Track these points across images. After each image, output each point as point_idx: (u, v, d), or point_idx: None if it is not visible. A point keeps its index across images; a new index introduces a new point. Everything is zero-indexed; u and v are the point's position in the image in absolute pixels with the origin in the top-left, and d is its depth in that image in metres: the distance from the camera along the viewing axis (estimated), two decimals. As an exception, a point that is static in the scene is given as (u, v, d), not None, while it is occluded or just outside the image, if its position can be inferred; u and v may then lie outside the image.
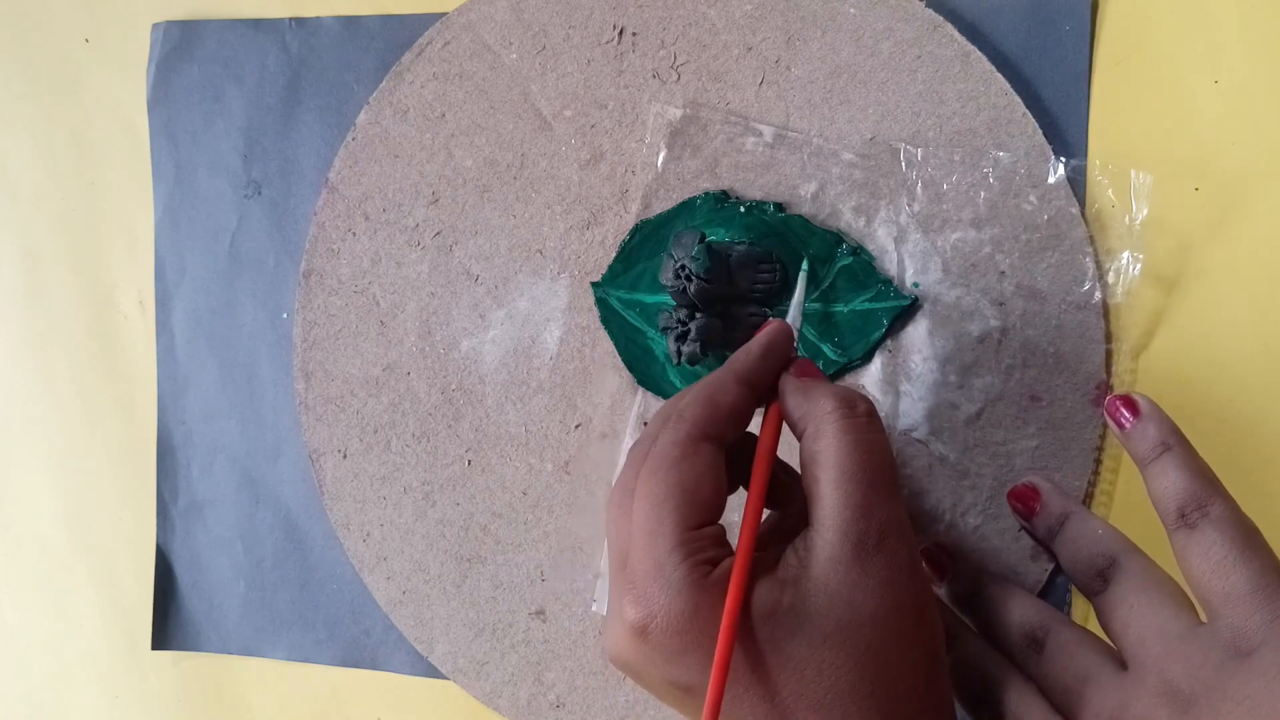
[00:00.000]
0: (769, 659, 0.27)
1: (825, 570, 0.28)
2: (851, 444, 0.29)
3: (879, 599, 0.28)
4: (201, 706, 0.50)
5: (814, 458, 0.30)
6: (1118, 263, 0.38)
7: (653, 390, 0.42)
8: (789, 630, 0.28)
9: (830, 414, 0.30)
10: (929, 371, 0.39)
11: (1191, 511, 0.31)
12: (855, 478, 0.29)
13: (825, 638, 0.27)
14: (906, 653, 0.29)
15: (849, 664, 0.27)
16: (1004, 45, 0.39)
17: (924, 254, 0.39)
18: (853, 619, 0.28)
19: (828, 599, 0.28)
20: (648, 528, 0.28)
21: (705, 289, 0.38)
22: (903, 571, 0.29)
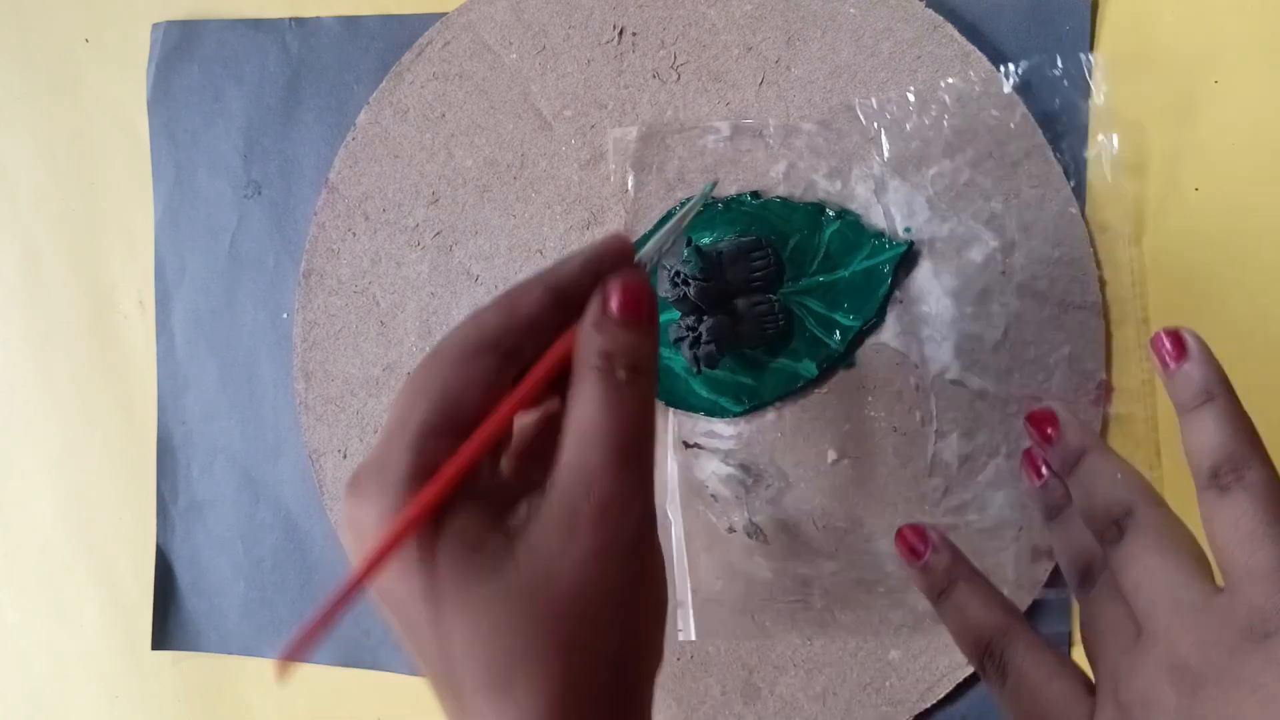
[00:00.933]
0: (450, 597, 0.25)
1: (537, 527, 0.26)
2: (600, 404, 0.27)
3: (580, 572, 0.26)
4: (201, 706, 0.50)
5: (567, 410, 0.27)
6: (1097, 150, 0.38)
7: (681, 407, 0.42)
8: (480, 574, 0.25)
9: (591, 368, 0.27)
10: (944, 310, 0.39)
11: (1226, 473, 0.29)
12: (591, 442, 0.26)
13: (513, 594, 0.25)
14: (598, 636, 0.26)
15: (529, 629, 0.25)
16: (1004, 45, 0.39)
17: (907, 198, 0.39)
18: (547, 584, 0.25)
19: (529, 556, 0.26)
20: (395, 419, 0.26)
21: (704, 288, 0.38)
22: (617, 550, 0.26)
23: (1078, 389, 0.38)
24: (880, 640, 0.41)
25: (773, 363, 0.40)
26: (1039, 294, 0.39)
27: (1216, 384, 0.30)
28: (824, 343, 0.40)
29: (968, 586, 0.35)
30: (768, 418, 0.41)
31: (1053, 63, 0.38)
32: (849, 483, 0.40)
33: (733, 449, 0.41)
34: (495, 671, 0.25)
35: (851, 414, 0.40)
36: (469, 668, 0.25)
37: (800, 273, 0.40)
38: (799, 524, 0.41)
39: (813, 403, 0.41)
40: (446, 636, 0.26)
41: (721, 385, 0.41)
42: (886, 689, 0.41)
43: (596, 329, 0.27)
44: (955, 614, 0.35)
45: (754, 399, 0.41)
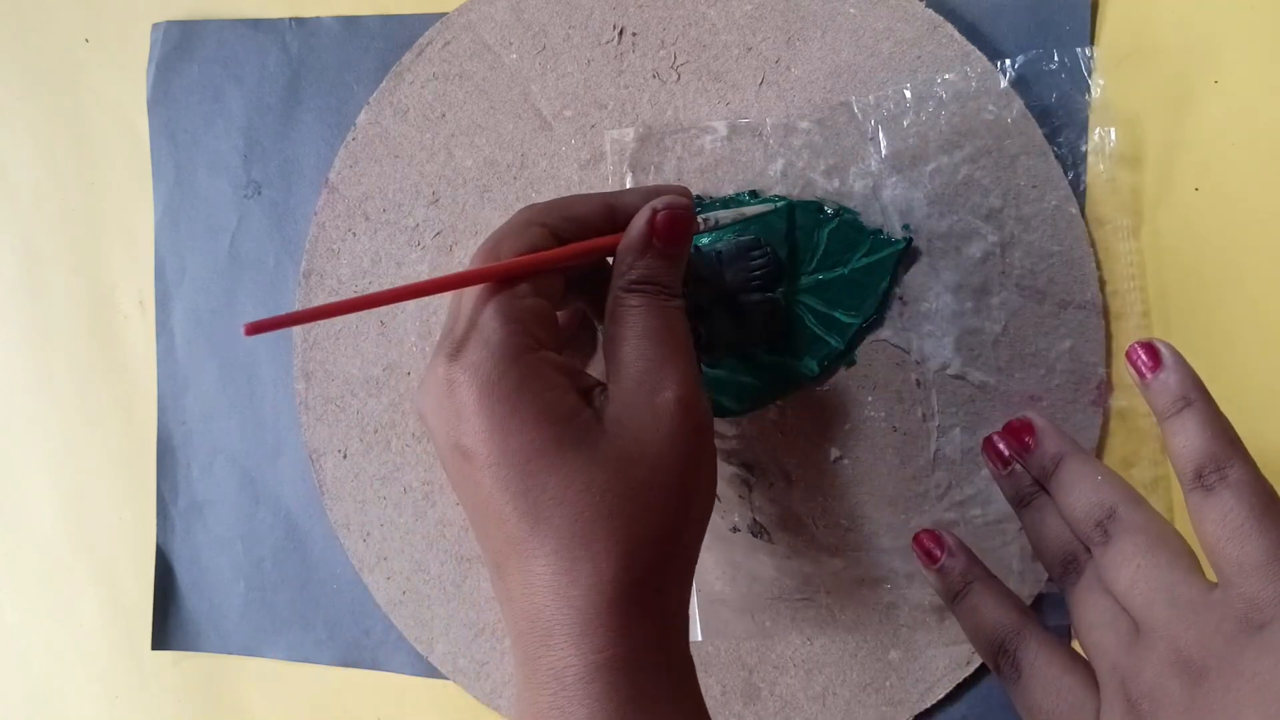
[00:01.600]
0: (546, 456, 0.29)
1: (620, 407, 0.30)
2: (650, 313, 0.31)
3: (663, 445, 0.30)
4: (201, 706, 0.50)
5: (616, 321, 0.32)
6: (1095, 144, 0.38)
7: None
8: (575, 440, 0.29)
9: (632, 291, 0.32)
10: (944, 305, 0.39)
11: (1210, 473, 0.30)
12: (655, 338, 0.31)
13: (605, 460, 0.29)
14: (673, 499, 0.30)
15: (616, 491, 0.29)
16: (1004, 45, 0.39)
17: (905, 195, 0.39)
18: (635, 453, 0.29)
19: (619, 429, 0.30)
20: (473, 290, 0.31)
21: (704, 287, 0.38)
22: (689, 427, 0.30)
23: (1078, 384, 0.38)
24: (881, 640, 0.41)
25: (773, 361, 0.40)
26: (1038, 289, 0.39)
27: (1193, 389, 0.31)
28: (824, 341, 0.40)
29: (982, 588, 0.36)
30: (769, 417, 0.41)
31: (1050, 57, 0.38)
32: (851, 480, 0.40)
33: (735, 448, 0.41)
34: (580, 529, 0.28)
35: (853, 411, 0.40)
36: (554, 525, 0.28)
37: (799, 271, 0.40)
38: (801, 522, 0.41)
39: (814, 401, 0.41)
40: (538, 492, 0.29)
41: (722, 385, 0.41)
42: (886, 689, 0.41)
43: (639, 254, 0.32)
44: (970, 615, 0.36)
45: (755, 398, 0.41)
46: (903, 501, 0.40)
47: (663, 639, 0.30)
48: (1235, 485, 0.30)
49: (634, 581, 0.29)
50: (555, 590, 0.28)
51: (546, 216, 0.32)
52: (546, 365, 0.30)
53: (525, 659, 0.29)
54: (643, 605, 0.29)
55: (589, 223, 0.32)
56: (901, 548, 0.40)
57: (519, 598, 0.29)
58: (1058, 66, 0.38)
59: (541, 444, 0.29)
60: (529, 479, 0.29)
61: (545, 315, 0.31)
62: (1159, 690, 0.30)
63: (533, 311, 0.30)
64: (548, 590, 0.28)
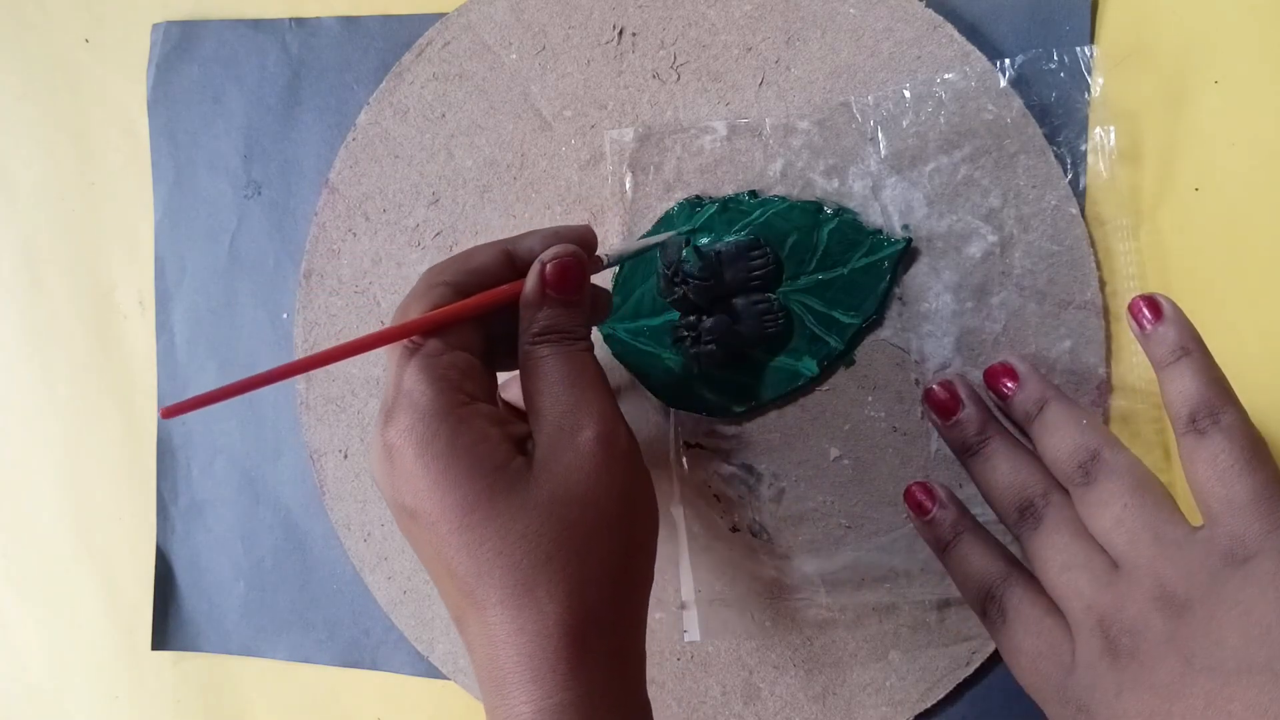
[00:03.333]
0: (482, 509, 0.29)
1: (545, 455, 0.31)
2: (559, 360, 0.32)
3: (590, 482, 0.30)
4: (201, 706, 0.50)
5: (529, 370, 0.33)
6: (1095, 143, 0.38)
7: (682, 407, 0.42)
8: (508, 489, 0.30)
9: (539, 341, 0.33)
10: (944, 305, 0.39)
11: (1202, 418, 0.31)
12: (566, 383, 0.32)
13: (537, 506, 0.30)
14: (610, 535, 0.31)
15: (551, 534, 0.29)
16: (1004, 45, 0.39)
17: (904, 195, 0.39)
18: (564, 495, 0.30)
19: (546, 474, 0.30)
20: (393, 356, 0.32)
21: (703, 287, 0.38)
22: (615, 461, 0.31)
23: (1078, 384, 0.38)
24: (881, 640, 0.41)
25: (773, 362, 0.40)
26: (1038, 289, 0.39)
27: (1190, 340, 0.32)
28: (824, 341, 0.40)
29: (972, 538, 0.37)
30: (769, 417, 0.41)
31: (1049, 57, 0.38)
32: (851, 480, 0.40)
33: (734, 448, 0.41)
34: (521, 574, 0.29)
35: (852, 412, 0.40)
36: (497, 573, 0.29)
37: (799, 271, 0.40)
38: (801, 522, 0.41)
39: (813, 401, 0.41)
40: (478, 545, 0.29)
41: (722, 385, 0.41)
42: (886, 689, 0.41)
43: (538, 306, 0.33)
44: (960, 564, 0.36)
45: (755, 398, 0.41)
46: (902, 501, 0.40)
47: (615, 680, 0.30)
48: (1227, 429, 0.31)
49: (580, 623, 0.29)
50: (507, 639, 0.29)
51: (447, 274, 0.33)
52: (477, 418, 0.31)
53: (487, 709, 0.30)
54: (591, 647, 0.30)
55: (490, 272, 0.33)
56: (901, 548, 0.40)
57: (478, 648, 0.30)
58: (1057, 66, 0.38)
59: (476, 497, 0.30)
60: (469, 532, 0.29)
61: (469, 368, 0.32)
62: (1141, 624, 0.30)
63: (455, 367, 0.31)
64: (501, 640, 0.29)
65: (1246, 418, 0.31)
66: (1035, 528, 0.34)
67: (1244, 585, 0.29)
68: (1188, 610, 0.30)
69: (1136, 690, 0.30)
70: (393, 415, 0.31)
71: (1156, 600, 0.30)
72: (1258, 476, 0.30)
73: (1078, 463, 0.34)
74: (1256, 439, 0.31)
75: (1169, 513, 0.32)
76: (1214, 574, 0.30)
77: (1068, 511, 0.34)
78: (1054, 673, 0.33)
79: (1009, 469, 0.36)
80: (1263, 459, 0.30)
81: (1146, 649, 0.30)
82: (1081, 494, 0.34)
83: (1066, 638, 0.33)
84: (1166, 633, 0.30)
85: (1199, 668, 0.29)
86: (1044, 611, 0.34)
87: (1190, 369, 0.32)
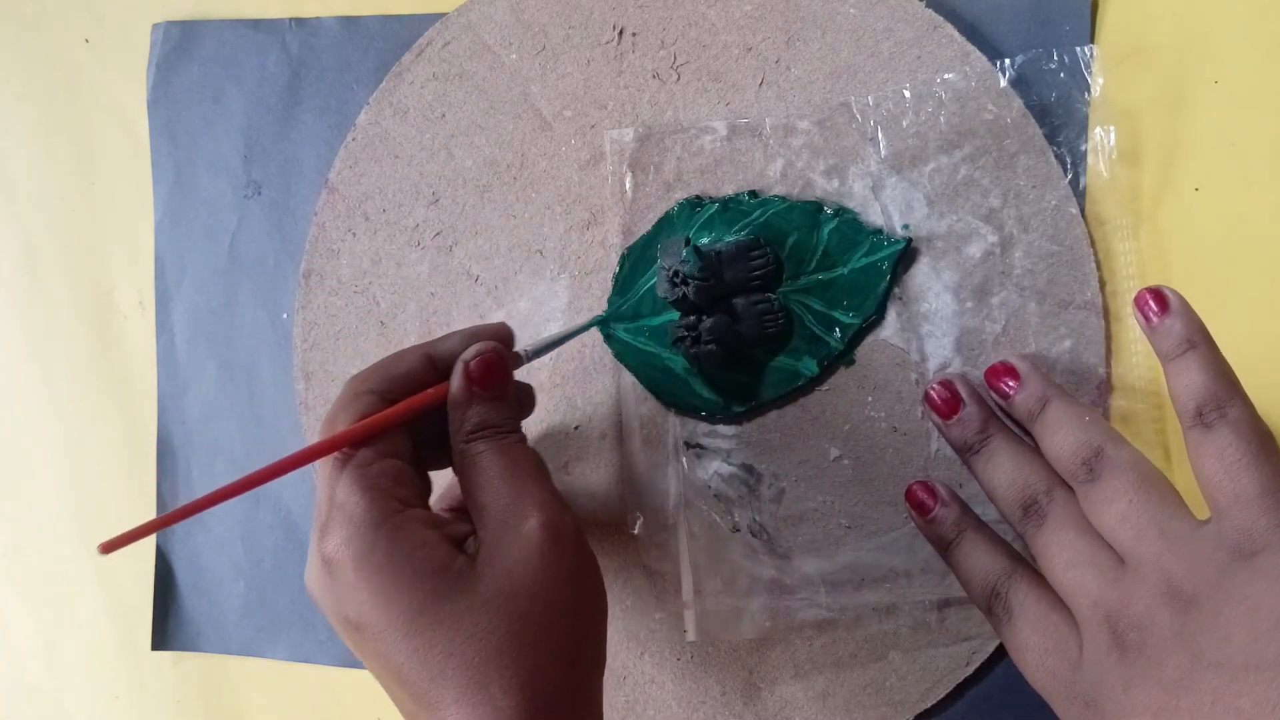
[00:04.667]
0: (428, 613, 0.30)
1: (489, 549, 0.31)
2: (496, 455, 0.33)
3: (537, 571, 0.30)
4: (201, 706, 0.50)
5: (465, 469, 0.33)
6: (1095, 143, 0.38)
7: (682, 408, 0.42)
8: (452, 591, 0.30)
9: (473, 438, 0.33)
10: (944, 305, 0.39)
11: (1209, 411, 0.31)
12: (505, 476, 0.32)
13: (484, 602, 0.30)
14: (560, 622, 0.31)
15: (501, 628, 0.30)
16: (1004, 45, 0.39)
17: (904, 195, 0.39)
18: (511, 588, 0.30)
19: (491, 569, 0.30)
20: (324, 470, 0.32)
21: (704, 287, 0.38)
22: (562, 548, 0.31)
23: (1078, 384, 0.38)
24: (881, 640, 0.41)
25: (773, 362, 0.40)
26: (1038, 289, 0.39)
27: (1197, 333, 0.32)
28: (824, 341, 0.40)
29: (975, 535, 0.37)
30: (769, 417, 0.41)
31: (1050, 56, 0.38)
32: (851, 480, 0.40)
33: (734, 449, 0.41)
34: (474, 674, 0.29)
35: (852, 412, 0.40)
36: (450, 676, 0.29)
37: (799, 271, 0.40)
38: (801, 522, 0.41)
39: (813, 401, 0.41)
40: (427, 650, 0.29)
41: (722, 385, 0.41)
42: (886, 689, 0.41)
43: (467, 405, 0.33)
44: (964, 562, 0.37)
45: (755, 398, 0.41)
46: (903, 501, 0.40)
47: None
48: (1234, 423, 0.31)
49: (536, 713, 0.29)
50: None
51: (371, 383, 0.33)
52: (414, 524, 0.31)
53: None
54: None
55: (414, 377, 0.34)
56: (901, 547, 0.40)
57: None
58: (1057, 66, 0.38)
59: (422, 603, 0.30)
60: (417, 638, 0.29)
61: (400, 475, 0.32)
62: (1148, 620, 0.30)
63: (386, 475, 0.32)
64: None
65: (1254, 411, 0.31)
66: (1040, 525, 0.34)
67: (1252, 580, 0.29)
68: (1195, 605, 0.30)
69: (1144, 685, 0.30)
70: (328, 529, 0.31)
71: (1163, 595, 0.30)
72: (1265, 470, 0.30)
73: (1081, 459, 0.34)
74: (1264, 433, 0.31)
75: (1175, 507, 0.32)
76: (1221, 569, 0.30)
77: (1072, 508, 0.34)
78: (1061, 669, 0.33)
79: (1012, 466, 0.36)
80: (1270, 453, 0.30)
81: (1154, 644, 0.30)
82: (1086, 490, 0.34)
83: (1073, 634, 0.33)
84: (1174, 628, 0.30)
85: (1206, 663, 0.29)
86: (1050, 607, 0.34)
87: (1197, 362, 0.32)
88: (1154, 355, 0.34)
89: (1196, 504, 0.32)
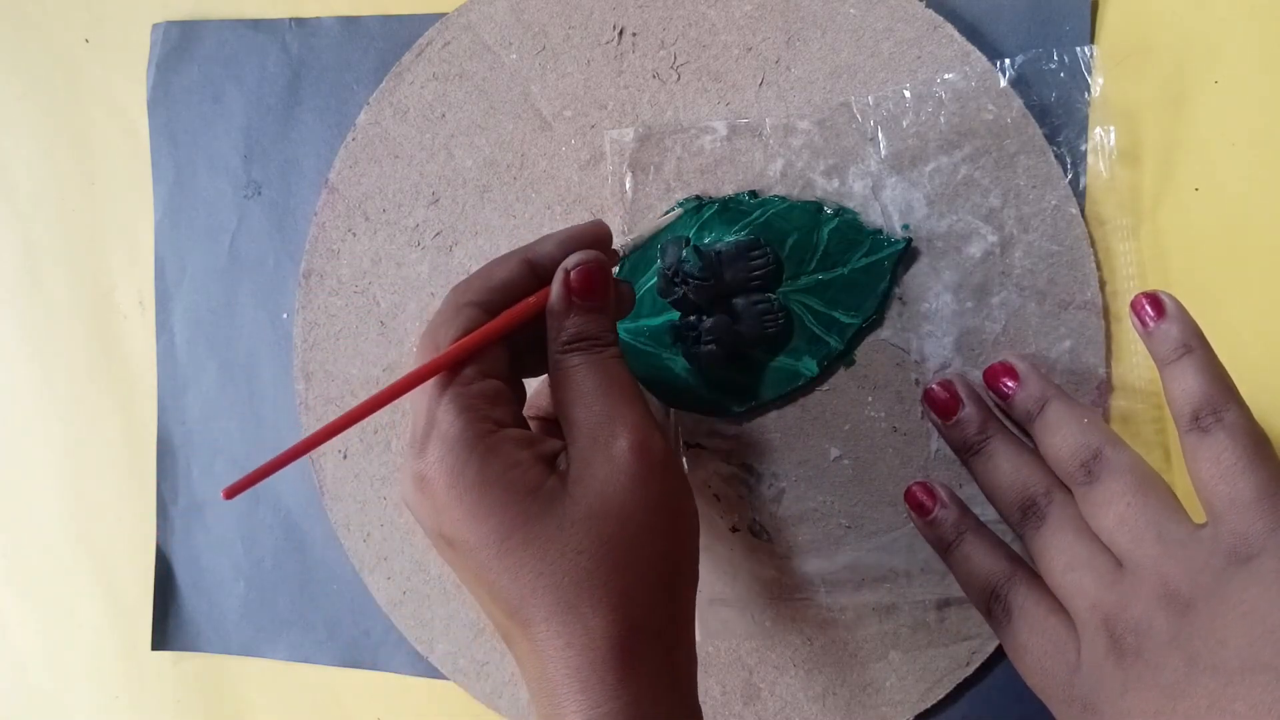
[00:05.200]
0: (519, 534, 0.30)
1: (580, 466, 0.31)
2: (590, 369, 0.32)
3: (627, 494, 0.30)
4: (201, 706, 0.50)
5: (560, 383, 0.33)
6: (1095, 143, 0.38)
7: (682, 407, 0.42)
8: (542, 512, 0.30)
9: (569, 350, 0.32)
10: (944, 305, 0.39)
11: (1205, 415, 0.31)
12: (599, 392, 0.32)
13: (574, 523, 0.30)
14: (651, 545, 0.31)
15: (590, 549, 0.30)
16: (1004, 45, 0.39)
17: (904, 195, 0.39)
18: (601, 509, 0.30)
19: (581, 490, 0.30)
20: (424, 386, 0.32)
21: (704, 287, 0.38)
22: (653, 473, 0.31)
23: (1078, 384, 0.38)
24: (881, 640, 0.41)
25: (773, 362, 0.40)
26: (1038, 289, 0.39)
27: (1193, 337, 0.32)
28: (824, 341, 0.40)
29: (974, 538, 0.37)
30: (769, 417, 0.41)
31: (1050, 56, 0.38)
32: (851, 480, 0.40)
33: (734, 448, 0.41)
34: (564, 594, 0.29)
35: (852, 412, 0.40)
36: (540, 595, 0.30)
37: (799, 271, 0.40)
38: (801, 522, 0.41)
39: (813, 401, 0.41)
40: (518, 569, 0.30)
41: (722, 385, 0.41)
42: (887, 689, 0.41)
43: (565, 315, 0.32)
44: (964, 564, 0.37)
45: (755, 398, 0.41)
46: (902, 502, 0.40)
47: (662, 687, 0.31)
48: (1230, 427, 0.31)
49: (625, 634, 0.30)
50: (554, 654, 0.30)
51: (472, 294, 0.33)
52: (507, 444, 0.31)
53: (540, 718, 0.31)
54: (639, 657, 0.30)
55: (514, 286, 0.33)
56: (901, 548, 0.40)
57: (528, 664, 0.31)
58: (1057, 66, 0.38)
59: (512, 523, 0.30)
60: (508, 557, 0.30)
61: (497, 394, 0.32)
62: (1145, 623, 0.30)
63: (483, 395, 0.31)
64: (549, 654, 0.30)
65: (1250, 415, 0.31)
66: (1039, 526, 0.34)
67: (1248, 584, 0.29)
68: (1192, 609, 0.30)
69: (1141, 689, 0.30)
70: (424, 447, 0.31)
71: (1160, 599, 0.30)
72: (1261, 474, 0.30)
73: (1080, 461, 0.34)
74: (1260, 437, 0.31)
75: (1172, 511, 0.32)
76: (1218, 573, 0.30)
77: (1071, 510, 0.34)
78: (1059, 671, 0.33)
79: (1011, 468, 0.36)
80: (1266, 457, 0.30)
81: (1151, 648, 0.30)
82: (1084, 493, 0.34)
83: (1071, 636, 0.33)
84: (1170, 632, 0.30)
85: (1203, 667, 0.29)
86: (1048, 610, 0.34)
87: (1193, 366, 0.32)
88: (1152, 359, 0.34)
89: (1195, 507, 0.32)
